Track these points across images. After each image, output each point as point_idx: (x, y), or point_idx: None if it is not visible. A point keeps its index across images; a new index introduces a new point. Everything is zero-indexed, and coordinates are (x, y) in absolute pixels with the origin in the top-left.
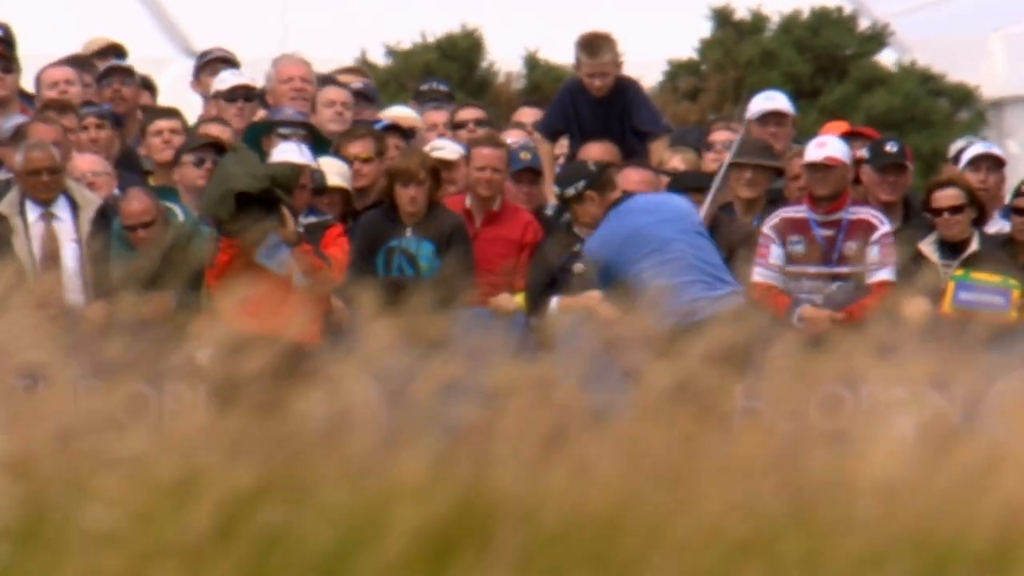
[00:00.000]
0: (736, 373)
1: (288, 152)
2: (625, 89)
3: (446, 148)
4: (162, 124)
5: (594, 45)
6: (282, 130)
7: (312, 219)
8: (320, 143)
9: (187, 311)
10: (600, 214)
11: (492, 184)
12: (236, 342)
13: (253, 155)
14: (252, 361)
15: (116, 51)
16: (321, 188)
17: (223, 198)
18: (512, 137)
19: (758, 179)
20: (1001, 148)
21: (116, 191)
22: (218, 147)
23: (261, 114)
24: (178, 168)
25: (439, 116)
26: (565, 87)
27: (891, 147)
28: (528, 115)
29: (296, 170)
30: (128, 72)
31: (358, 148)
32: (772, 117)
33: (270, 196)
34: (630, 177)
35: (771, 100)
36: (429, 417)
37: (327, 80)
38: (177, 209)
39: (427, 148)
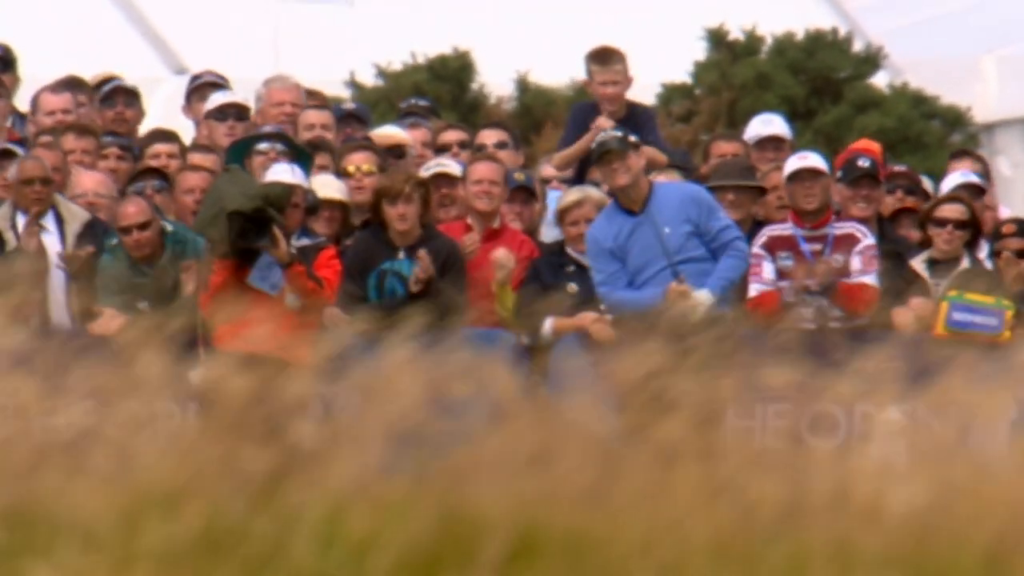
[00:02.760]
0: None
1: (281, 172)
2: (639, 115)
3: (449, 165)
4: (160, 148)
5: (604, 55)
6: (261, 145)
7: (305, 241)
8: (301, 155)
9: (181, 326)
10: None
11: (490, 198)
12: (229, 363)
13: (246, 175)
14: (244, 382)
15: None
16: (314, 207)
17: (215, 218)
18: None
19: (741, 200)
20: (993, 169)
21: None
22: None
23: None
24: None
25: (420, 134)
26: (574, 110)
27: (863, 162)
28: (490, 136)
29: (288, 190)
30: (132, 94)
31: (360, 159)
32: (770, 142)
33: (262, 216)
34: None
35: (769, 124)
36: (416, 436)
37: (308, 99)
38: (168, 226)
39: (429, 164)
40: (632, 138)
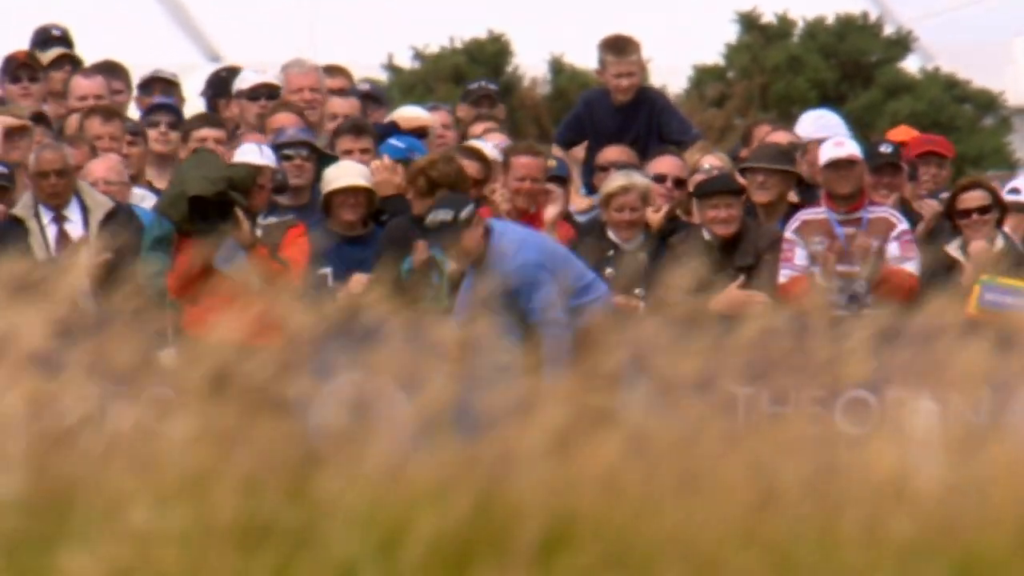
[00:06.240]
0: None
1: (249, 153)
2: (651, 99)
3: (487, 147)
4: (206, 132)
5: (620, 45)
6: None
7: (272, 219)
8: (324, 160)
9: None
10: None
11: (532, 194)
12: (196, 345)
13: (214, 157)
14: (212, 364)
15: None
16: (283, 186)
17: (176, 201)
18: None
19: (770, 183)
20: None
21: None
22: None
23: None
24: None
25: (441, 116)
26: (582, 98)
27: (885, 148)
28: None
29: (253, 171)
30: (170, 83)
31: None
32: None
33: (225, 199)
34: (663, 163)
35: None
36: (448, 421)
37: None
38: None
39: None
40: (463, 214)
